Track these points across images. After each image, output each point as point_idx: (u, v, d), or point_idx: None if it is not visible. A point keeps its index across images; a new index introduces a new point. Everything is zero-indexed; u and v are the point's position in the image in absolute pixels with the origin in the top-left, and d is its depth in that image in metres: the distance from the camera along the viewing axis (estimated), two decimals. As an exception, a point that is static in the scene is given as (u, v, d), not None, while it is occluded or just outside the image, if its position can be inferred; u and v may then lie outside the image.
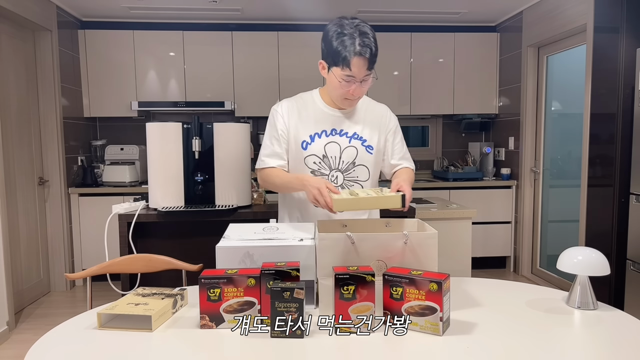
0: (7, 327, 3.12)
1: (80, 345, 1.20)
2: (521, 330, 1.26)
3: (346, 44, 1.58)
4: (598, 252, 1.42)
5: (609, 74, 3.13)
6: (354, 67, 1.59)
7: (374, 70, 1.65)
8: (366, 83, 1.65)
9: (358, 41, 1.57)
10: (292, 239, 1.46)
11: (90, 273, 1.86)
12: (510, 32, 4.55)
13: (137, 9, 4.22)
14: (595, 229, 3.30)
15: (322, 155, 1.74)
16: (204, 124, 2.62)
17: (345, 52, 1.58)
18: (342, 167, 1.75)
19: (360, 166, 1.77)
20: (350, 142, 1.75)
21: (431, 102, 4.75)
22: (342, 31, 1.60)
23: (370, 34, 1.60)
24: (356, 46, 1.57)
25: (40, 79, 3.94)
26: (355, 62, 1.58)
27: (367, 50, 1.58)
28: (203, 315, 1.27)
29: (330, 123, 1.76)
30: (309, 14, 4.44)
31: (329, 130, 1.75)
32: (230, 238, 1.47)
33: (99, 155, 4.57)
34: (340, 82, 1.64)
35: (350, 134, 1.76)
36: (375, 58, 1.61)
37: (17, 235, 3.62)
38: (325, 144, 1.74)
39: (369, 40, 1.59)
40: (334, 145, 1.74)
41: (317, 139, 1.74)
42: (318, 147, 1.73)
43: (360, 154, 1.76)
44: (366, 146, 1.76)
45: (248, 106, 4.55)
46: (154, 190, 2.60)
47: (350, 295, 1.23)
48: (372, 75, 1.64)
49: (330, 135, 1.74)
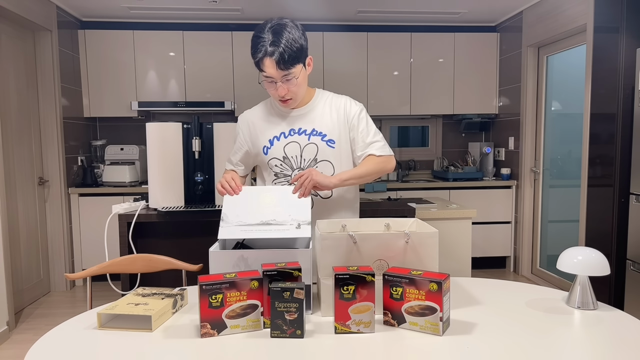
0: (7, 327, 3.12)
1: (80, 345, 1.20)
2: (521, 330, 1.26)
3: (257, 46, 1.59)
4: (598, 252, 1.42)
5: (609, 74, 3.13)
6: (266, 68, 1.60)
7: (297, 69, 1.62)
8: (290, 82, 1.63)
9: (269, 42, 1.56)
10: (290, 223, 1.48)
11: (90, 273, 1.86)
12: (510, 32, 4.55)
13: (137, 9, 4.22)
14: (595, 229, 3.30)
15: (282, 157, 1.76)
16: (204, 124, 2.62)
17: (257, 54, 1.59)
18: (304, 166, 1.75)
19: (323, 162, 1.75)
20: (309, 139, 1.74)
21: (431, 102, 4.75)
22: (257, 33, 1.60)
23: (284, 33, 1.57)
24: (267, 47, 1.56)
25: (40, 79, 3.94)
26: (264, 63, 1.59)
27: (274, 51, 1.56)
28: (204, 324, 1.22)
29: (288, 123, 1.76)
30: (308, 14, 4.44)
31: (287, 130, 1.76)
32: (230, 222, 1.51)
33: (99, 155, 4.58)
34: (265, 84, 1.66)
35: (309, 131, 1.75)
36: (285, 59, 1.56)
37: (17, 235, 3.62)
38: (285, 145, 1.75)
39: (278, 41, 1.56)
40: (294, 144, 1.74)
41: (277, 142, 1.75)
42: (278, 149, 1.75)
43: (322, 149, 1.74)
44: (327, 141, 1.74)
45: (248, 106, 4.49)
46: (154, 190, 2.60)
47: (350, 295, 1.23)
48: (293, 75, 1.62)
49: (289, 135, 1.75)
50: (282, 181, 1.77)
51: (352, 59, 4.58)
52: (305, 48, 1.65)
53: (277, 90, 1.65)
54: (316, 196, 1.77)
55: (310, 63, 1.72)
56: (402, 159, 5.07)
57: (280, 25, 1.59)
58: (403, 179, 4.86)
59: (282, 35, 1.57)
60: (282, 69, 1.59)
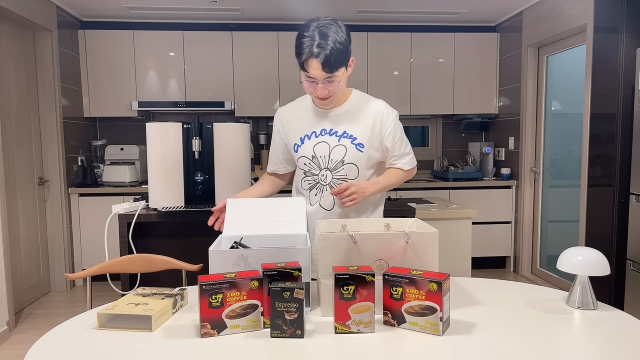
0: (7, 327, 3.12)
1: (80, 345, 1.20)
2: (521, 330, 1.26)
3: (304, 46, 1.57)
4: (598, 252, 1.42)
5: (609, 74, 3.13)
6: (310, 69, 1.59)
7: (341, 71, 1.63)
8: (331, 84, 1.63)
9: (316, 43, 1.55)
10: (287, 219, 1.53)
11: (90, 273, 1.86)
12: (510, 32, 4.55)
13: (137, 9, 4.22)
14: (595, 229, 3.30)
15: (311, 156, 1.78)
16: (204, 124, 2.62)
17: (302, 54, 1.58)
18: (330, 166, 1.76)
19: (349, 164, 1.75)
20: (339, 141, 1.75)
21: (431, 102, 4.75)
22: (303, 32, 1.59)
23: (331, 36, 1.56)
24: (313, 48, 1.55)
25: (40, 79, 3.94)
26: (310, 64, 1.58)
27: (320, 53, 1.55)
28: (204, 324, 1.23)
29: (321, 123, 1.78)
30: (309, 14, 4.44)
31: (319, 130, 1.77)
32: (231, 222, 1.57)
33: (99, 155, 4.58)
34: (305, 84, 1.66)
35: (340, 133, 1.76)
36: (331, 61, 1.56)
37: (17, 235, 3.62)
38: (315, 144, 1.76)
39: (325, 42, 1.55)
40: (324, 145, 1.76)
41: (307, 141, 1.77)
42: (307, 148, 1.77)
43: (350, 152, 1.74)
44: (356, 144, 1.74)
45: (248, 106, 4.56)
46: (154, 190, 2.60)
47: (350, 295, 1.23)
48: (336, 78, 1.62)
49: (320, 135, 1.77)
50: (310, 180, 1.80)
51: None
52: (350, 50, 1.65)
53: (316, 91, 1.65)
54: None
55: (351, 64, 1.71)
56: (402, 159, 5.06)
57: (327, 25, 1.58)
58: (403, 179, 4.85)
59: (328, 36, 1.56)
60: (327, 71, 1.58)
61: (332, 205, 1.78)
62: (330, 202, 1.78)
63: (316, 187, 1.78)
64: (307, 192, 1.81)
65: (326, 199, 1.77)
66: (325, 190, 1.77)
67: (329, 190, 1.77)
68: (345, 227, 1.59)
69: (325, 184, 1.77)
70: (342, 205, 1.66)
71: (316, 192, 1.79)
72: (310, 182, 1.80)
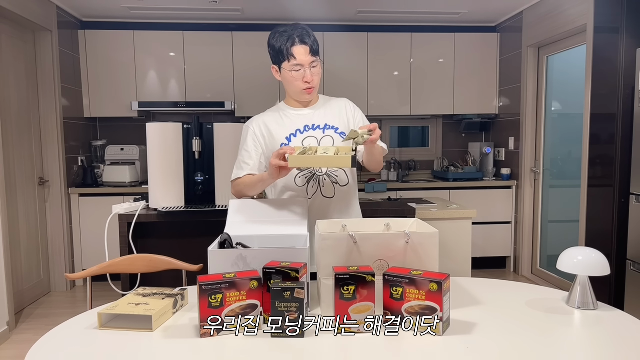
0: (7, 327, 3.12)
1: (80, 345, 1.20)
2: (521, 330, 1.26)
3: (285, 38, 1.72)
4: (598, 252, 1.42)
5: (609, 74, 3.13)
6: (298, 55, 1.72)
7: (319, 57, 1.78)
8: (316, 69, 1.77)
9: (296, 33, 1.72)
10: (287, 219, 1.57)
11: (90, 273, 1.86)
12: (510, 32, 4.55)
13: (137, 9, 4.22)
14: (595, 229, 3.30)
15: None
16: (204, 124, 2.62)
17: (286, 44, 1.72)
18: None
19: None
20: (324, 132, 1.83)
21: (431, 102, 4.75)
22: (278, 30, 1.76)
23: (305, 28, 1.76)
24: (294, 37, 1.71)
25: (40, 79, 3.94)
26: (296, 50, 1.71)
27: (304, 37, 1.72)
28: (203, 323, 1.22)
29: (301, 122, 1.84)
30: (309, 14, 4.44)
31: (302, 127, 1.83)
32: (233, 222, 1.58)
33: (99, 155, 4.57)
34: (292, 74, 1.75)
35: (322, 126, 1.84)
36: (315, 44, 1.75)
37: (17, 235, 3.62)
38: (303, 139, 1.81)
39: (304, 30, 1.74)
40: (311, 138, 1.81)
41: (294, 138, 1.82)
42: (296, 143, 1.81)
43: (337, 141, 1.82)
44: (339, 133, 1.83)
45: (248, 106, 4.55)
46: (154, 190, 2.60)
47: (350, 295, 1.23)
48: (319, 61, 1.77)
49: (305, 131, 1.83)
50: (306, 173, 1.82)
51: (352, 59, 4.58)
52: None
53: (307, 77, 1.75)
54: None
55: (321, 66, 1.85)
56: (402, 159, 5.07)
57: (300, 24, 1.77)
58: (403, 179, 4.86)
59: (305, 29, 1.76)
60: (312, 54, 1.73)
61: (332, 192, 1.82)
62: (331, 190, 1.82)
63: (313, 178, 1.82)
64: (302, 187, 1.81)
65: (326, 188, 1.82)
66: (323, 179, 1.81)
67: (327, 180, 1.81)
68: (345, 227, 1.59)
69: (322, 174, 1.82)
70: (372, 139, 1.60)
71: (313, 183, 1.82)
72: (307, 175, 1.82)
